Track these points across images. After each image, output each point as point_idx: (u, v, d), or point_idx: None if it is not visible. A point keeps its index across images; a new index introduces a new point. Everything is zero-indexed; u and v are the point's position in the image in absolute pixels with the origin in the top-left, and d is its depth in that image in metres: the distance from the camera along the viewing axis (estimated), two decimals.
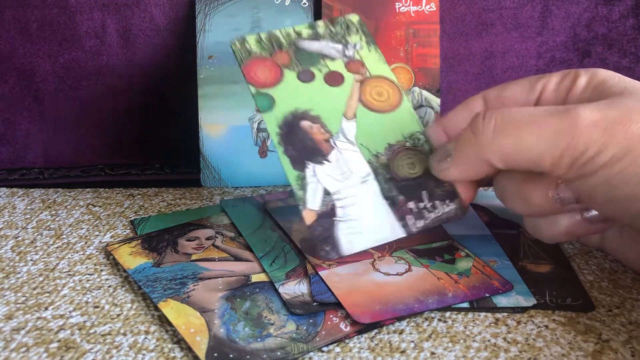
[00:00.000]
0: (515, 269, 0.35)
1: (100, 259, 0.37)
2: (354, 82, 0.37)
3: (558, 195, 0.30)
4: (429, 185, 0.34)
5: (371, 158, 0.35)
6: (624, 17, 0.50)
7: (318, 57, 0.38)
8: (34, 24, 0.49)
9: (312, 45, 0.38)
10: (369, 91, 0.37)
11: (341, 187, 0.34)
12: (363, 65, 0.38)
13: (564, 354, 0.28)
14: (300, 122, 0.35)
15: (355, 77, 0.37)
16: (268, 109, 0.35)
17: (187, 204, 0.44)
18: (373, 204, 0.33)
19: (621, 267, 0.35)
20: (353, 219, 0.33)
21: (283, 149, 0.34)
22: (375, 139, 0.36)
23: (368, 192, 0.34)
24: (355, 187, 0.34)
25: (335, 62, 0.38)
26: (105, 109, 0.51)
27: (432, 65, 0.48)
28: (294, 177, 0.34)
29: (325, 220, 0.33)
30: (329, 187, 0.34)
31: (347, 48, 0.38)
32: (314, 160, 0.34)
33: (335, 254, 0.32)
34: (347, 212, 0.33)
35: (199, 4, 0.48)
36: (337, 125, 0.36)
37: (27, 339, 0.30)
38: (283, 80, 0.36)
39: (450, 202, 0.33)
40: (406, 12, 0.48)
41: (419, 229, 0.33)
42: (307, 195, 0.33)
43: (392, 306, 0.31)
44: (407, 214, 0.33)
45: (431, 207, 0.33)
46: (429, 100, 0.48)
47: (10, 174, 0.51)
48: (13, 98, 0.51)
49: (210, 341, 0.29)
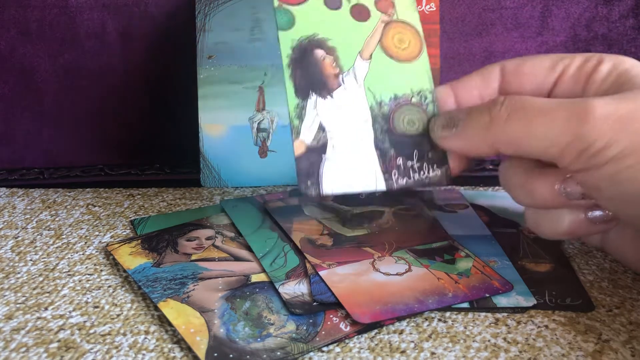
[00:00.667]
0: (515, 268, 0.35)
1: (100, 259, 0.37)
2: (379, 22, 0.36)
3: (564, 189, 0.29)
4: (422, 146, 0.34)
5: (374, 104, 0.34)
6: (624, 17, 0.50)
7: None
8: (34, 24, 0.49)
9: None
10: (391, 35, 0.36)
11: (337, 126, 0.33)
12: (393, 5, 0.37)
13: (564, 354, 0.28)
14: (314, 50, 0.34)
15: (382, 16, 0.36)
16: (287, 27, 0.34)
17: (187, 204, 0.44)
18: (364, 150, 0.33)
19: (621, 267, 0.35)
20: (340, 160, 0.33)
21: (290, 73, 0.33)
22: (383, 86, 0.35)
23: (362, 138, 0.34)
24: (351, 129, 0.34)
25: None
26: (105, 109, 0.51)
27: (432, 65, 0.48)
28: (294, 104, 0.33)
29: (313, 154, 0.32)
30: (325, 123, 0.33)
31: None
32: (318, 93, 0.34)
33: (315, 191, 0.32)
34: (337, 152, 0.33)
35: (199, 4, 0.48)
36: (350, 62, 0.35)
37: (27, 339, 0.30)
38: (309, 0, 0.35)
39: (437, 167, 0.33)
40: None
41: (400, 187, 0.33)
42: (302, 125, 0.33)
43: (392, 306, 0.31)
44: (393, 168, 0.33)
45: (417, 168, 0.33)
46: None
47: (10, 174, 0.51)
48: (13, 98, 0.51)
49: (210, 341, 0.29)
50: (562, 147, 0.27)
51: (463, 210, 0.42)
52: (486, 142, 0.30)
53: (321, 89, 0.34)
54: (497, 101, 0.30)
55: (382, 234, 0.38)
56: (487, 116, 0.30)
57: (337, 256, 0.35)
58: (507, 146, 0.30)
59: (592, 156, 0.27)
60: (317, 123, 0.33)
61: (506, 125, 0.29)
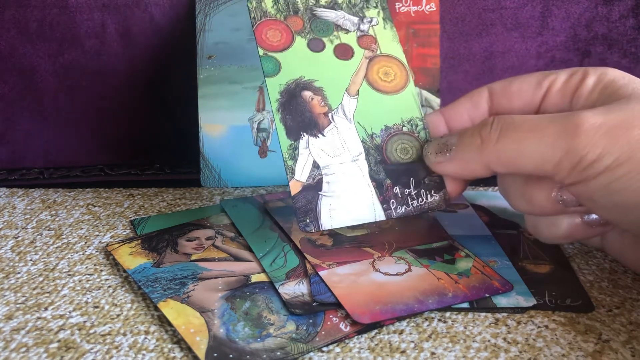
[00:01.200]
0: (515, 269, 0.35)
1: (100, 259, 0.37)
2: (363, 58, 0.37)
3: (561, 197, 0.30)
4: (418, 173, 0.34)
5: (365, 137, 0.35)
6: (624, 17, 0.50)
7: (332, 27, 0.37)
8: (34, 24, 0.49)
9: (328, 14, 0.38)
10: (376, 69, 0.37)
11: (331, 163, 0.34)
12: (375, 41, 0.37)
13: (564, 354, 0.28)
14: (302, 92, 0.35)
15: (366, 53, 0.37)
16: (273, 73, 0.35)
17: (187, 204, 0.44)
18: (359, 183, 0.34)
19: (621, 267, 0.35)
20: (337, 196, 0.33)
21: (280, 117, 0.34)
22: (373, 118, 0.36)
23: (356, 171, 0.34)
24: (345, 164, 0.34)
25: (348, 35, 0.37)
26: (106, 109, 0.51)
27: (432, 65, 0.48)
28: (286, 145, 0.34)
29: (309, 192, 0.33)
30: (319, 161, 0.34)
31: (363, 22, 0.38)
32: (310, 133, 0.34)
33: (314, 227, 0.32)
34: (332, 188, 0.33)
35: (199, 4, 0.48)
36: (338, 99, 0.35)
37: (27, 339, 0.30)
38: (292, 46, 0.36)
39: (435, 193, 0.34)
40: (406, 12, 0.48)
41: (399, 215, 0.33)
42: (296, 165, 0.33)
43: (392, 306, 0.31)
44: (390, 198, 0.33)
45: (415, 195, 0.33)
46: (429, 100, 0.48)
47: (10, 174, 0.51)
48: (13, 98, 0.51)
49: (210, 341, 0.29)
50: (554, 162, 0.28)
51: (463, 210, 0.42)
52: (480, 164, 0.31)
53: (312, 128, 0.35)
54: (486, 122, 0.30)
55: (382, 234, 0.38)
56: (478, 138, 0.30)
57: (337, 256, 0.35)
58: (500, 166, 0.30)
59: (585, 169, 0.27)
60: (311, 161, 0.34)
61: (498, 145, 0.29)
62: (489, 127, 0.30)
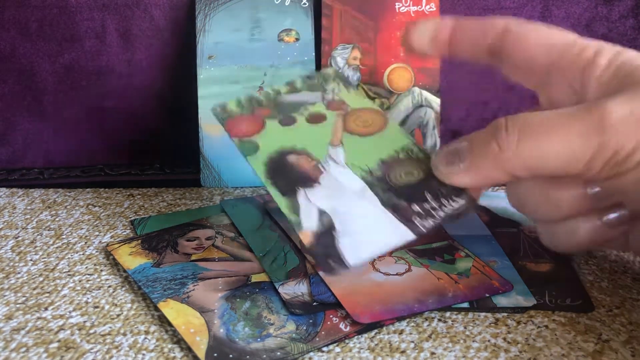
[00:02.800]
0: (515, 268, 0.35)
1: (100, 259, 0.37)
2: (336, 117, 0.37)
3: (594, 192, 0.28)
4: (431, 185, 0.32)
5: (364, 174, 0.34)
6: (623, 17, 0.50)
7: (298, 105, 0.37)
8: (34, 24, 0.49)
9: (292, 98, 0.38)
10: (352, 120, 0.36)
11: (336, 205, 0.32)
12: (344, 102, 0.37)
13: (564, 354, 0.28)
14: (286, 157, 0.35)
15: (337, 113, 0.37)
16: (252, 152, 0.35)
17: (187, 204, 0.44)
18: (373, 214, 0.32)
19: (621, 267, 0.35)
20: (354, 231, 0.31)
21: (271, 182, 0.33)
22: (365, 157, 0.34)
23: (366, 205, 0.32)
24: (352, 201, 0.33)
25: (316, 105, 0.37)
26: (105, 109, 0.51)
27: (432, 65, 0.48)
28: (284, 204, 0.32)
29: (324, 237, 0.31)
30: (323, 207, 0.32)
31: (326, 93, 0.38)
32: (304, 185, 0.33)
33: (342, 268, 0.30)
34: (347, 226, 0.31)
35: (199, 4, 0.48)
36: (323, 152, 0.35)
37: (27, 339, 0.30)
38: (265, 128, 0.36)
39: (457, 197, 0.31)
40: (406, 12, 0.48)
41: (429, 229, 0.31)
42: (301, 217, 0.32)
43: (392, 306, 0.31)
44: (412, 216, 0.31)
45: (438, 206, 0.31)
46: (429, 100, 0.48)
47: (10, 174, 0.51)
48: (13, 98, 0.51)
49: (210, 341, 0.29)
50: (586, 160, 0.26)
51: None
52: (501, 172, 0.28)
53: (305, 181, 0.33)
54: (499, 126, 0.28)
55: None
56: (494, 145, 0.28)
57: None
58: (525, 171, 0.28)
59: (619, 163, 0.26)
60: (315, 210, 0.32)
61: (519, 150, 0.27)
62: (504, 131, 0.27)
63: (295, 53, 0.48)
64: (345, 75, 0.48)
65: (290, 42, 0.48)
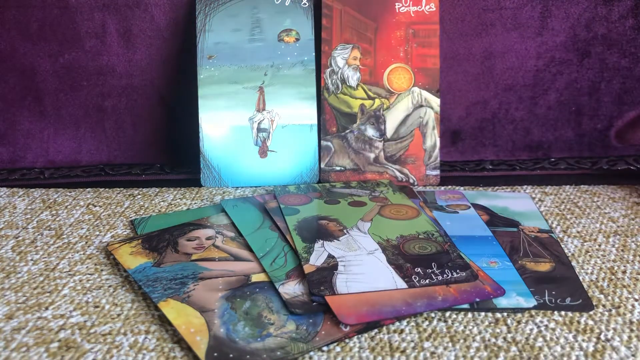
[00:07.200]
0: (515, 267, 0.35)
1: (101, 258, 0.37)
2: (375, 205, 0.41)
3: None
4: (440, 259, 0.35)
5: (381, 240, 0.37)
6: (623, 17, 0.50)
7: (346, 194, 0.43)
8: (34, 24, 0.49)
9: (343, 190, 0.44)
10: (389, 209, 0.41)
11: (346, 255, 0.35)
12: (387, 199, 0.42)
13: (564, 354, 0.28)
14: (318, 221, 0.39)
15: (377, 203, 0.42)
16: (292, 214, 0.39)
17: (187, 204, 0.44)
18: (377, 267, 0.34)
19: (621, 267, 0.36)
20: (354, 273, 0.33)
21: (297, 232, 0.37)
22: (387, 231, 0.38)
23: (373, 259, 0.35)
24: (361, 255, 0.35)
25: (362, 197, 0.42)
26: (105, 109, 0.51)
27: (432, 65, 0.48)
28: (301, 247, 0.36)
29: (324, 271, 0.33)
30: (334, 254, 0.35)
31: (374, 191, 0.43)
32: (325, 239, 0.37)
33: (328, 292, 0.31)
34: (349, 269, 0.34)
35: (199, 4, 0.48)
36: (353, 223, 0.39)
37: (27, 338, 0.30)
38: (311, 203, 0.41)
39: (461, 271, 0.33)
40: (406, 12, 0.48)
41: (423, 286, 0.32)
42: (311, 257, 0.35)
43: (379, 308, 0.31)
44: (412, 275, 0.33)
45: (440, 272, 0.33)
46: (429, 101, 0.48)
47: (10, 174, 0.51)
48: (13, 98, 0.51)
49: (210, 341, 0.29)
50: None
51: (464, 210, 0.42)
52: None
53: (327, 237, 0.37)
54: None
55: None
56: None
57: None
58: None
59: None
60: (325, 254, 0.35)
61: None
62: None
63: (295, 53, 0.48)
64: (345, 75, 0.48)
65: (290, 42, 0.48)
